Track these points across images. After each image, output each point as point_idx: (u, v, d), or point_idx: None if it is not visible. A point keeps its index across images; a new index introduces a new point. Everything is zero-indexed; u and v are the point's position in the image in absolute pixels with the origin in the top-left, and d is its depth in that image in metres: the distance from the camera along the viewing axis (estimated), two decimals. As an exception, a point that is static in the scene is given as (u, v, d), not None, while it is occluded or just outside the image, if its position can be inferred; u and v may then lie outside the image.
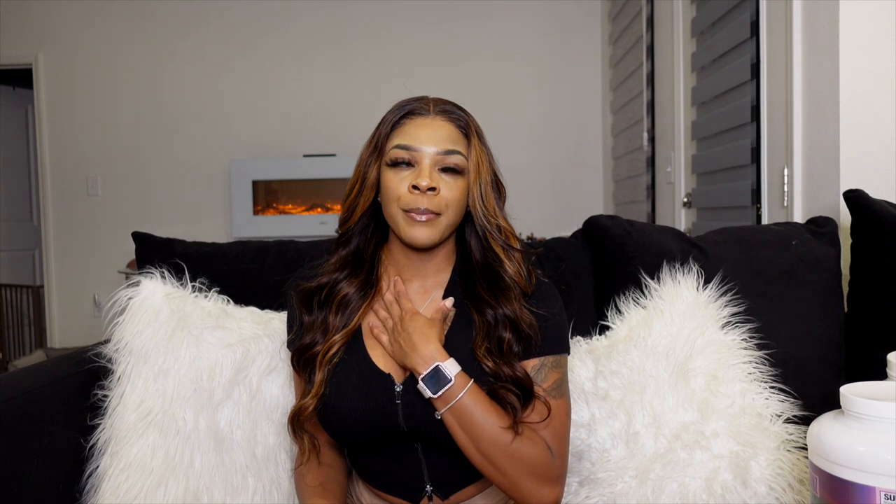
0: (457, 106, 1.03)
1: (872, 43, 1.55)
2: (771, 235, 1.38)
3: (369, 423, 0.99)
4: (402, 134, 0.99)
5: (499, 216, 1.01)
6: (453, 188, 0.98)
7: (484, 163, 1.01)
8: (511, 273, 1.01)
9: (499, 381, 0.96)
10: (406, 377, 0.99)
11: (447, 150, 0.98)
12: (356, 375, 1.00)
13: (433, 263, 1.05)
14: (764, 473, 1.10)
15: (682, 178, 2.84)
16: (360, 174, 1.03)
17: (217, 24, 4.63)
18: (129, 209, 4.69)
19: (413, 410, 0.98)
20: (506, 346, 0.98)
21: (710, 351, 1.18)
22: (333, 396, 0.99)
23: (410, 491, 1.04)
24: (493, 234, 1.01)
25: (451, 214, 0.99)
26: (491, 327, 0.99)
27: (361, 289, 1.04)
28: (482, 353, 0.97)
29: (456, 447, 0.96)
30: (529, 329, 0.99)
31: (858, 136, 1.56)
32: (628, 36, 3.67)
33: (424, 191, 0.96)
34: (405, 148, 0.98)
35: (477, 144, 1.01)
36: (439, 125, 1.00)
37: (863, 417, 0.75)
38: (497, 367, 0.96)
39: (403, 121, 1.00)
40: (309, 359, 1.02)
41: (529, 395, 0.97)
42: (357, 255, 1.05)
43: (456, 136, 1.00)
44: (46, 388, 1.13)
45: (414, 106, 1.01)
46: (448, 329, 1.02)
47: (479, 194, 1.00)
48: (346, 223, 1.04)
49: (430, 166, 0.97)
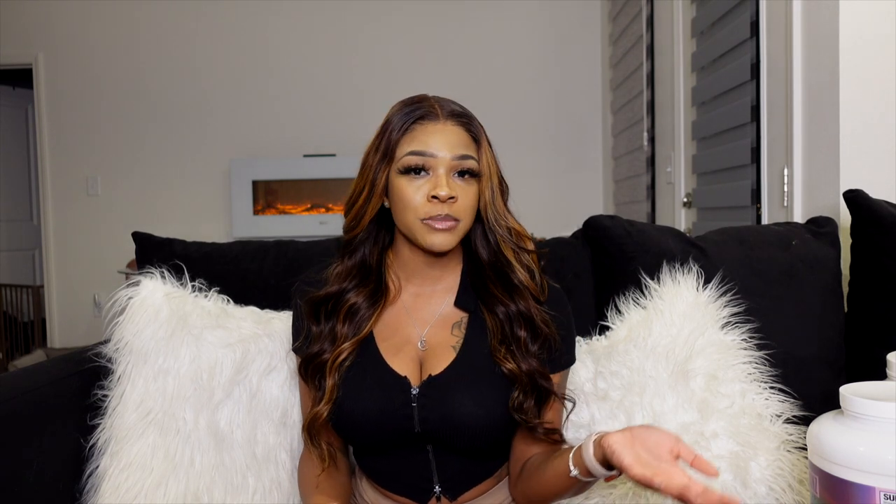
0: (463, 108, 1.03)
1: (872, 43, 1.55)
2: (771, 235, 1.38)
3: (383, 424, 0.99)
4: (415, 140, 0.98)
5: (508, 218, 1.02)
6: (469, 193, 0.98)
7: (493, 166, 1.02)
8: (521, 278, 1.01)
9: (516, 382, 0.98)
10: (423, 380, 1.00)
11: (461, 156, 0.98)
12: (370, 377, 1.01)
13: (442, 267, 1.06)
14: (764, 474, 1.10)
15: (682, 178, 2.84)
16: (367, 180, 1.00)
17: (217, 24, 4.63)
18: (129, 209, 4.69)
19: (429, 414, 0.98)
20: (522, 344, 0.99)
21: (710, 351, 1.18)
22: (347, 398, 0.99)
23: (418, 491, 1.04)
24: (504, 237, 1.01)
25: (467, 220, 0.99)
26: (505, 326, 1.00)
27: (370, 297, 1.03)
28: (501, 356, 0.98)
29: (469, 449, 0.99)
30: (544, 324, 1.00)
31: (858, 136, 1.56)
32: (628, 36, 3.66)
33: (444, 200, 0.95)
34: (419, 154, 0.97)
35: (487, 148, 1.01)
36: (451, 130, 0.99)
37: (862, 417, 0.75)
38: (516, 367, 0.98)
39: (414, 126, 0.99)
40: (318, 366, 1.01)
41: (547, 395, 1.00)
42: (363, 265, 1.04)
43: (467, 140, 1.00)
44: (46, 388, 1.14)
45: (423, 111, 0.99)
46: (464, 335, 1.03)
47: (490, 198, 1.00)
48: (353, 230, 1.03)
49: (446, 173, 0.97)
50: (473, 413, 0.97)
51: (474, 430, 0.97)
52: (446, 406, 0.97)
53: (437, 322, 1.04)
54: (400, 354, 1.02)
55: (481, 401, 0.98)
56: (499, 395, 0.98)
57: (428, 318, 1.05)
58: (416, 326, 1.05)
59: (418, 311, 1.05)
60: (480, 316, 1.03)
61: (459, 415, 0.97)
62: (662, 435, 0.81)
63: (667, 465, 0.78)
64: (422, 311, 1.05)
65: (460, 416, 0.97)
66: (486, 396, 0.98)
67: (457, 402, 0.97)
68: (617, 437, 0.81)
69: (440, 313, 1.05)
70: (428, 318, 1.05)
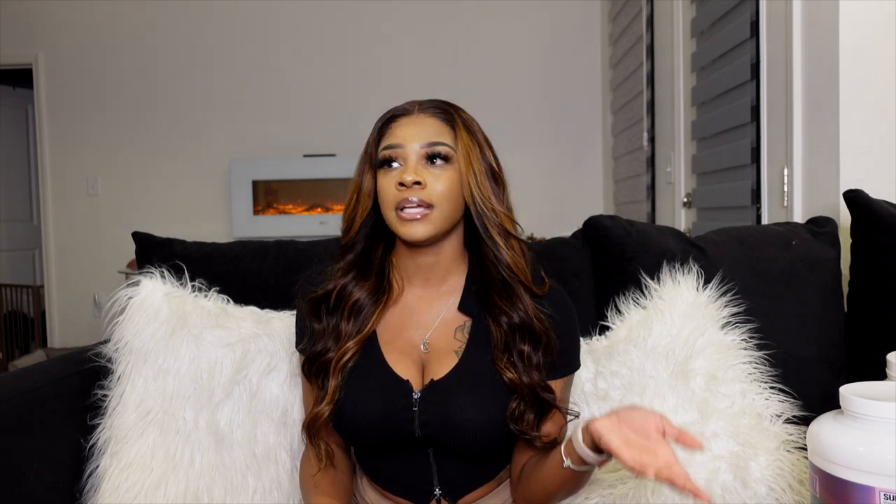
0: (443, 102, 1.03)
1: (872, 43, 1.55)
2: (771, 235, 1.38)
3: (384, 427, 0.99)
4: (389, 135, 1.00)
5: (493, 200, 1.00)
6: (442, 178, 0.97)
7: (475, 152, 1.00)
8: (508, 261, 0.99)
9: (516, 392, 0.98)
10: (425, 385, 1.00)
11: (430, 143, 0.98)
12: (372, 379, 1.00)
13: (440, 266, 1.04)
14: (764, 474, 1.10)
15: (682, 178, 2.84)
16: (356, 184, 1.03)
17: (217, 24, 4.63)
18: (129, 209, 4.69)
19: (430, 418, 0.98)
20: (525, 357, 0.98)
21: (710, 351, 1.18)
22: (349, 400, 0.99)
23: (419, 493, 1.04)
24: (489, 218, 0.99)
25: (444, 207, 0.97)
26: (509, 338, 0.99)
27: (373, 294, 1.03)
28: (503, 366, 0.98)
29: (470, 454, 0.99)
30: (541, 327, 0.99)
31: (858, 136, 1.56)
32: (628, 36, 3.66)
33: (410, 185, 0.95)
34: (390, 147, 0.98)
35: (465, 135, 1.00)
36: (423, 122, 1.00)
37: (862, 417, 0.75)
38: (517, 378, 0.97)
39: (389, 124, 1.01)
40: (322, 365, 1.01)
41: (549, 407, 0.99)
42: (363, 257, 1.04)
43: (440, 128, 1.00)
44: (46, 388, 1.14)
45: (400, 111, 1.02)
46: (467, 340, 1.02)
47: (475, 183, 0.99)
48: (346, 234, 1.04)
49: (416, 161, 0.97)
50: (474, 419, 0.97)
51: (475, 436, 0.97)
52: (447, 411, 0.97)
53: (440, 325, 1.04)
54: (402, 357, 1.02)
55: (482, 407, 0.97)
56: (500, 402, 0.98)
57: (431, 321, 1.05)
58: (419, 329, 1.04)
59: (422, 313, 1.05)
60: (484, 321, 1.02)
61: (460, 420, 0.97)
62: (647, 414, 0.82)
63: (654, 443, 0.79)
64: (425, 314, 1.05)
65: (461, 422, 0.97)
66: (487, 403, 0.98)
67: (458, 407, 0.97)
68: (603, 421, 0.82)
69: (444, 316, 1.04)
70: (431, 321, 1.05)
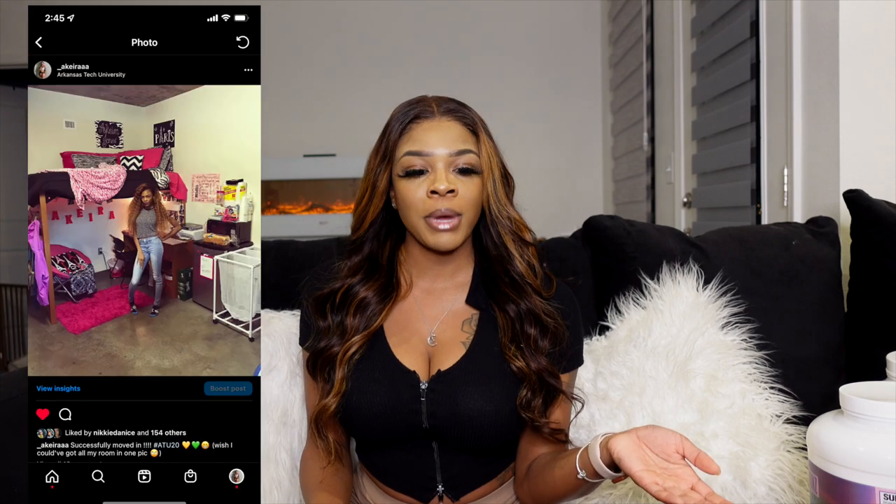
0: (460, 103, 1.03)
1: (872, 43, 1.55)
2: (771, 235, 1.38)
3: (391, 418, 0.99)
4: (412, 140, 0.99)
5: (509, 208, 1.02)
6: (470, 187, 0.99)
7: (494, 157, 1.02)
8: (521, 270, 1.01)
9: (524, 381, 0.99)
10: (432, 375, 1.00)
11: (459, 151, 0.98)
12: (379, 371, 1.01)
13: (454, 264, 1.06)
14: (764, 474, 1.10)
15: (682, 178, 2.84)
16: (369, 182, 1.03)
17: (217, 24, 4.63)
18: (129, 209, 4.69)
19: (437, 409, 0.98)
20: (532, 341, 0.99)
21: (710, 351, 1.17)
22: (355, 392, 1.00)
23: (421, 490, 1.04)
24: (505, 226, 1.01)
25: (470, 214, 1.00)
26: (516, 324, 1.00)
27: (381, 292, 1.04)
28: (511, 354, 0.99)
29: (475, 447, 0.99)
30: (548, 317, 1.00)
31: (858, 136, 1.56)
32: (628, 36, 3.66)
33: (444, 194, 0.96)
34: (417, 154, 0.98)
35: (486, 140, 1.01)
36: (448, 126, 1.00)
37: (862, 417, 0.74)
38: (525, 366, 0.98)
39: (410, 126, 1.00)
40: (327, 359, 1.02)
41: (556, 393, 1.00)
42: (371, 259, 1.05)
43: (465, 135, 1.00)
44: (46, 389, 1.13)
45: (419, 109, 1.01)
46: (474, 331, 1.03)
47: (493, 189, 1.00)
48: (356, 231, 1.05)
49: (445, 169, 0.98)
50: (481, 409, 0.97)
51: (482, 427, 0.98)
52: (454, 401, 0.98)
53: (447, 318, 1.05)
54: (409, 349, 1.03)
55: (490, 397, 0.98)
56: (508, 393, 0.99)
57: (438, 314, 1.06)
58: (426, 322, 1.05)
59: (429, 307, 1.06)
60: (491, 313, 1.04)
61: (468, 410, 0.97)
62: (668, 435, 0.81)
63: (675, 466, 0.78)
64: (433, 307, 1.06)
65: (468, 412, 0.97)
66: (494, 393, 0.98)
67: (465, 397, 0.98)
68: (623, 442, 0.80)
69: (451, 310, 1.05)
70: (438, 314, 1.06)
